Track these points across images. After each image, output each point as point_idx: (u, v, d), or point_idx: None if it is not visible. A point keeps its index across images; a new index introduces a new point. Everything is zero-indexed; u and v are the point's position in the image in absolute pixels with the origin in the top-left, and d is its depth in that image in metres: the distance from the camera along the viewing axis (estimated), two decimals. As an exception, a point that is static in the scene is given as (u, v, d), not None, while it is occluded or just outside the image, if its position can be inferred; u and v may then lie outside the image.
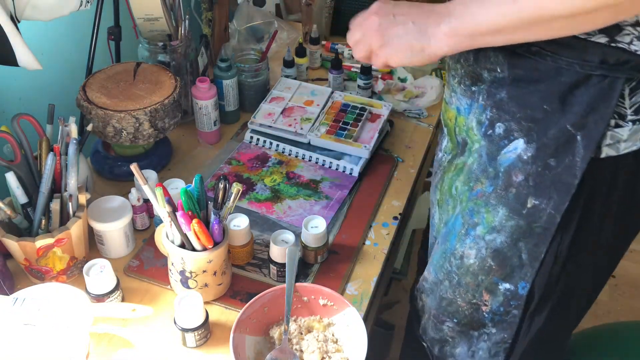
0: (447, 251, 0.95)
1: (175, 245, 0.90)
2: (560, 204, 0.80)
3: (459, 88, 0.89)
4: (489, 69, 0.82)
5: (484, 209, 0.87)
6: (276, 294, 0.91)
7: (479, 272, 0.91)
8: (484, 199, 0.87)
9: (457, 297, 0.96)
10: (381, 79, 1.48)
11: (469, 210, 0.90)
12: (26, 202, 0.93)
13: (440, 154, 1.03)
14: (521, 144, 0.81)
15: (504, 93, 0.81)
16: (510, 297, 0.90)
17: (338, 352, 0.88)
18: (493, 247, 0.88)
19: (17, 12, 0.93)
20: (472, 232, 0.90)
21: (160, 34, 1.25)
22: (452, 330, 1.01)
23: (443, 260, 0.97)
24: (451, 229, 0.95)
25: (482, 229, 0.88)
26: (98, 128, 1.10)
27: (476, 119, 0.86)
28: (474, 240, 0.90)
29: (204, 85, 1.23)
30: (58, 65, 1.23)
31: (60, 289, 0.88)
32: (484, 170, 0.86)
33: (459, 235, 0.92)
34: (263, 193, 1.17)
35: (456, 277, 0.94)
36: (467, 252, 0.91)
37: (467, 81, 0.86)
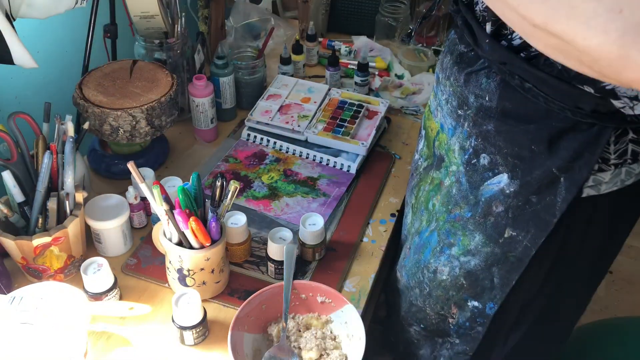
0: (420, 262, 0.98)
1: (173, 243, 0.90)
2: (537, 238, 0.81)
3: (445, 106, 0.88)
4: (477, 94, 0.80)
5: (461, 232, 0.89)
6: (274, 291, 0.91)
7: (450, 288, 0.93)
8: (462, 223, 0.88)
9: (426, 307, 0.99)
10: (378, 75, 1.48)
11: (445, 230, 0.91)
12: (23, 201, 0.93)
13: (416, 155, 1.03)
14: (505, 178, 0.80)
15: (491, 126, 0.79)
16: (477, 314, 0.93)
17: (336, 349, 0.88)
18: (467, 268, 0.90)
19: (12, 10, 0.92)
20: (447, 251, 0.92)
21: (156, 32, 1.24)
22: (417, 334, 1.05)
23: (416, 269, 0.99)
24: (426, 243, 0.97)
25: (458, 250, 0.90)
26: (95, 126, 1.09)
27: (459, 143, 0.85)
28: (448, 259, 0.92)
29: (200, 83, 1.23)
30: (54, 63, 1.22)
31: (58, 287, 0.88)
32: (465, 197, 0.87)
33: (434, 250, 0.94)
34: (260, 190, 1.17)
35: (427, 288, 0.97)
36: (440, 268, 0.93)
37: (454, 102, 0.85)
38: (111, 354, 0.84)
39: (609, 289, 1.92)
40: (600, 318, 1.48)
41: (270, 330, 0.91)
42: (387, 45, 1.57)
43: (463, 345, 0.99)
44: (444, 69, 0.87)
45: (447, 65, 0.87)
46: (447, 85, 0.86)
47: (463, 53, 0.83)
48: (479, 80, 0.79)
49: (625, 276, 1.95)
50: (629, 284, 1.94)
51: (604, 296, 1.88)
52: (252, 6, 1.59)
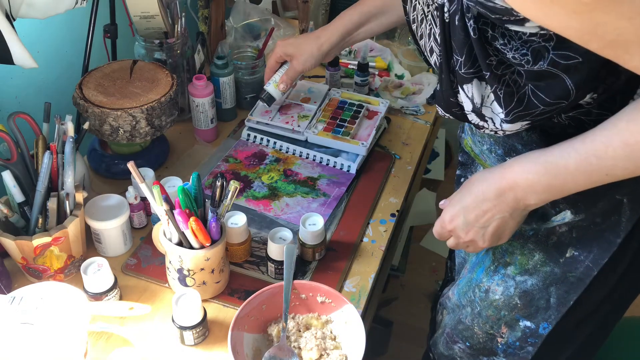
0: (472, 281, 0.96)
1: (173, 243, 0.90)
2: (599, 258, 0.80)
3: (490, 155, 0.88)
4: (523, 143, 0.80)
5: (519, 251, 0.87)
6: (274, 291, 0.91)
7: (502, 308, 0.91)
8: (521, 242, 0.87)
9: (475, 325, 0.97)
10: (378, 76, 1.48)
11: (501, 249, 0.90)
12: (23, 201, 0.93)
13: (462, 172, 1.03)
14: (569, 214, 0.81)
15: None
16: (529, 334, 0.91)
17: (336, 349, 0.88)
18: (522, 288, 0.88)
19: (12, 10, 0.92)
20: (501, 270, 0.90)
21: (156, 32, 1.24)
22: (462, 352, 1.02)
23: (467, 287, 0.97)
24: (480, 262, 0.95)
25: (514, 269, 0.88)
26: (95, 126, 1.09)
27: None
28: (503, 278, 0.90)
29: (200, 83, 1.23)
30: (54, 63, 1.22)
31: (58, 287, 0.88)
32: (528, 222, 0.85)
33: (487, 270, 0.93)
34: (260, 191, 1.17)
35: (478, 307, 0.95)
36: (493, 287, 0.92)
37: (499, 150, 0.85)
38: (111, 354, 0.84)
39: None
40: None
41: (270, 330, 0.91)
42: (387, 45, 1.57)
43: None
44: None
45: None
46: (485, 137, 0.87)
47: None
48: (519, 133, 0.80)
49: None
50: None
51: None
52: (252, 6, 1.59)
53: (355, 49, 1.56)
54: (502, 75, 0.70)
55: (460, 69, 0.72)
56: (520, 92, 0.69)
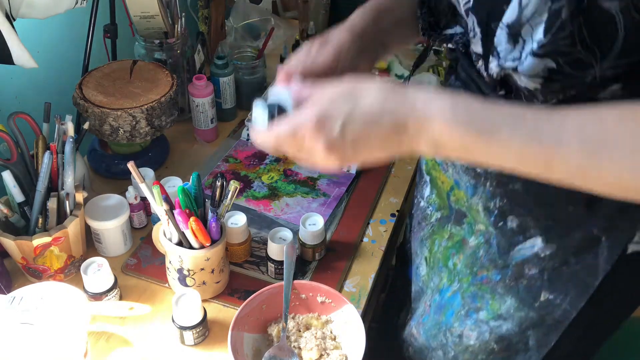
0: (442, 325, 0.89)
1: (173, 243, 0.90)
2: (577, 301, 0.74)
3: (458, 163, 0.78)
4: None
5: (489, 295, 0.81)
6: (274, 291, 0.91)
7: (479, 352, 0.86)
8: (490, 286, 0.81)
9: None
10: (378, 75, 1.48)
11: (471, 293, 0.84)
12: (23, 201, 0.93)
13: (423, 202, 0.93)
14: (539, 242, 0.73)
15: (518, 185, 0.71)
16: None
17: (336, 349, 0.88)
18: (498, 333, 0.82)
19: (12, 10, 0.92)
20: (473, 315, 0.84)
21: (156, 32, 1.24)
22: None
23: (437, 331, 0.91)
24: (447, 304, 0.89)
25: (486, 314, 0.82)
26: (95, 126, 1.09)
27: (482, 204, 0.77)
28: (476, 323, 0.84)
29: (200, 83, 1.23)
30: (54, 63, 1.22)
31: (58, 287, 0.88)
32: (492, 260, 0.79)
33: (458, 314, 0.86)
34: (260, 190, 1.17)
35: (452, 351, 0.89)
36: (467, 332, 0.85)
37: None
38: (111, 354, 0.84)
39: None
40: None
41: (271, 330, 0.91)
42: (387, 45, 1.57)
43: None
44: None
45: None
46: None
47: None
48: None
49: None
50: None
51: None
52: (252, 6, 1.59)
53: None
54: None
55: None
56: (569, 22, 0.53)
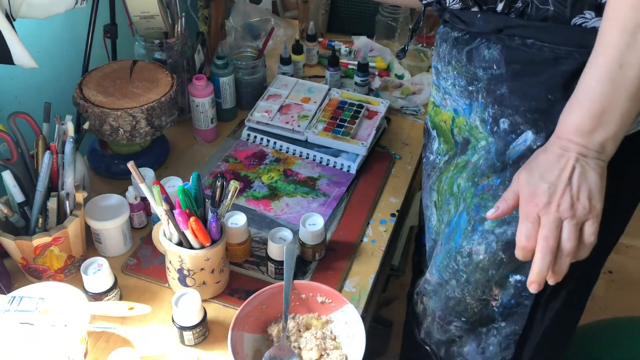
0: (451, 250, 0.94)
1: (173, 243, 0.90)
2: None
3: (453, 90, 0.88)
4: (484, 67, 0.81)
5: (492, 203, 0.85)
6: (274, 291, 0.91)
7: (489, 267, 0.89)
8: (491, 192, 0.86)
9: (466, 295, 0.94)
10: (378, 75, 1.48)
11: (474, 205, 0.88)
12: (23, 201, 0.93)
13: (432, 156, 1.01)
14: (530, 135, 0.80)
15: (504, 88, 0.80)
16: (521, 288, 0.89)
17: (336, 349, 0.88)
18: (504, 239, 0.86)
19: (12, 10, 0.92)
20: (479, 228, 0.88)
21: (156, 32, 1.24)
22: (459, 330, 1.00)
23: (448, 259, 0.95)
24: (455, 228, 0.93)
25: (491, 223, 0.87)
26: (95, 126, 1.09)
27: (479, 117, 0.85)
28: (483, 235, 0.88)
29: (200, 83, 1.23)
30: (54, 63, 1.22)
31: (58, 287, 0.88)
32: (491, 165, 0.85)
33: (465, 232, 0.91)
34: (260, 191, 1.17)
35: (464, 275, 0.93)
36: (475, 248, 0.89)
37: (462, 82, 0.85)
38: (111, 354, 0.84)
39: (609, 289, 1.92)
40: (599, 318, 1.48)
41: (271, 330, 0.91)
42: (387, 45, 1.57)
43: (511, 325, 0.94)
44: (442, 58, 0.88)
45: (444, 53, 0.87)
46: (450, 71, 0.87)
47: (458, 37, 0.84)
48: (481, 53, 0.80)
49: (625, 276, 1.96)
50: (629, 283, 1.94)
51: (604, 296, 1.88)
52: (252, 6, 1.59)
53: (356, 48, 1.56)
54: None
55: None
56: None
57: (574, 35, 0.72)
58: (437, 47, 0.89)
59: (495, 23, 0.77)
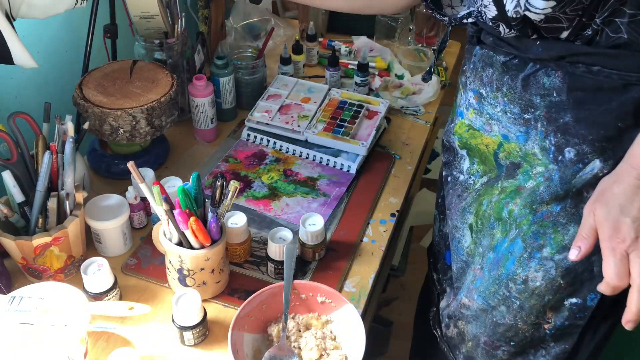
0: (502, 277, 0.92)
1: (173, 243, 0.90)
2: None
3: (504, 117, 0.86)
4: (542, 94, 0.79)
5: (552, 230, 0.85)
6: (274, 291, 0.91)
7: (545, 293, 0.88)
8: (552, 220, 0.84)
9: (518, 321, 0.93)
10: (378, 75, 1.48)
11: (532, 233, 0.87)
12: (23, 201, 0.93)
13: (462, 176, 1.00)
14: (597, 163, 0.78)
15: (567, 117, 0.77)
16: (576, 310, 0.88)
17: (336, 349, 0.88)
18: (564, 266, 0.85)
19: (12, 10, 0.92)
20: (537, 255, 0.87)
21: (156, 32, 1.24)
22: (507, 353, 0.98)
23: (497, 286, 0.93)
24: (506, 254, 0.91)
25: (550, 250, 0.86)
26: (94, 126, 1.09)
27: (538, 146, 0.83)
28: (541, 262, 0.87)
29: (200, 83, 1.23)
30: (54, 63, 1.22)
31: (58, 287, 0.88)
32: (553, 193, 0.83)
33: (520, 259, 0.89)
34: (260, 191, 1.17)
35: (517, 301, 0.91)
36: (532, 275, 0.88)
37: (515, 109, 0.83)
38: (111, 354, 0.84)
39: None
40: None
41: (271, 330, 0.91)
42: (387, 45, 1.57)
43: (561, 345, 0.93)
44: (487, 83, 0.85)
45: (490, 78, 0.85)
46: (499, 97, 0.85)
47: (506, 62, 0.82)
48: (539, 80, 0.78)
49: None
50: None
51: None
52: (252, 6, 1.59)
53: (356, 48, 1.56)
54: None
55: None
56: None
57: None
58: (478, 70, 0.87)
59: (557, 50, 0.75)
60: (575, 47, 0.74)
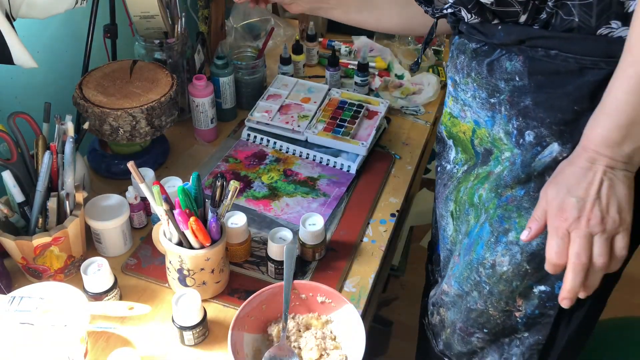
0: (473, 262, 0.93)
1: (173, 243, 0.90)
2: None
3: (474, 102, 0.87)
4: (506, 79, 0.80)
5: (516, 214, 0.85)
6: (274, 291, 0.91)
7: (513, 279, 0.88)
8: (515, 204, 0.85)
9: (489, 307, 0.93)
10: (378, 75, 1.48)
11: (497, 217, 0.87)
12: (23, 201, 0.93)
13: (449, 165, 1.00)
14: (556, 147, 0.79)
15: (528, 100, 0.79)
16: (545, 299, 0.88)
17: (336, 349, 0.88)
18: (529, 250, 0.85)
19: (12, 10, 0.92)
20: (503, 239, 0.87)
21: (156, 32, 1.24)
22: (481, 341, 0.99)
23: (469, 271, 0.94)
24: (476, 239, 0.92)
25: (515, 234, 0.86)
26: (95, 126, 1.09)
27: (503, 130, 0.84)
28: (507, 247, 0.87)
29: (200, 83, 1.23)
30: (54, 63, 1.22)
31: (58, 287, 0.88)
32: (516, 176, 0.84)
33: (488, 243, 0.90)
34: (260, 191, 1.17)
35: (487, 286, 0.92)
36: (499, 259, 0.88)
37: (483, 94, 0.84)
38: (111, 354, 0.84)
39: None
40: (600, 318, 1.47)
41: (271, 330, 0.91)
42: (387, 45, 1.57)
43: (535, 335, 0.93)
44: (460, 70, 0.87)
45: (462, 65, 0.86)
46: (469, 82, 0.86)
47: (476, 49, 0.83)
48: (502, 65, 0.79)
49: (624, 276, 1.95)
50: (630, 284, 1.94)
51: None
52: (252, 6, 1.59)
53: (356, 48, 1.56)
54: None
55: None
56: None
57: (600, 45, 0.71)
58: (454, 58, 0.88)
59: (517, 34, 0.76)
60: (533, 31, 0.75)
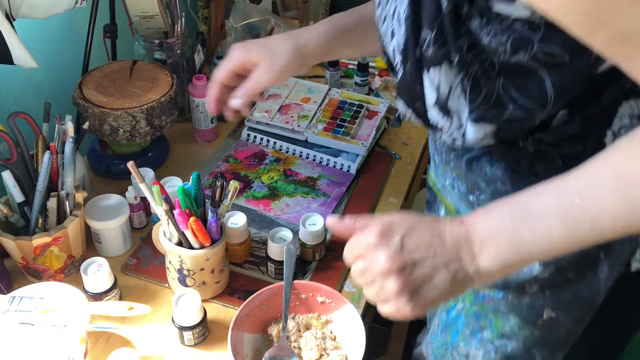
0: (449, 344, 0.89)
1: (173, 243, 0.90)
2: (581, 319, 0.73)
3: (453, 191, 0.79)
4: (487, 180, 0.73)
5: (492, 314, 0.80)
6: (274, 291, 0.91)
7: None
8: (492, 305, 0.80)
9: None
10: (378, 76, 1.48)
11: (473, 313, 0.83)
12: (23, 201, 0.93)
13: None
14: (536, 266, 0.72)
15: None
16: None
17: (336, 349, 0.88)
18: (504, 352, 0.81)
19: (12, 10, 0.92)
20: (478, 335, 0.83)
21: (156, 32, 1.24)
22: None
23: (444, 350, 0.90)
24: (452, 323, 0.87)
25: (491, 334, 0.81)
26: (94, 126, 1.09)
27: None
28: (481, 343, 0.83)
29: (200, 83, 1.23)
30: (54, 63, 1.22)
31: (58, 287, 0.88)
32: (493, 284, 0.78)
33: (462, 334, 0.85)
34: (260, 191, 1.17)
35: None
36: (473, 352, 0.84)
37: (462, 187, 0.77)
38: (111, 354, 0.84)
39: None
40: None
41: (271, 330, 0.91)
42: (387, 45, 1.57)
43: None
44: (439, 152, 0.79)
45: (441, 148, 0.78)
46: (448, 171, 0.79)
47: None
48: (482, 168, 0.72)
49: None
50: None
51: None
52: (252, 6, 1.59)
53: (355, 49, 1.56)
54: (471, 63, 0.58)
55: (429, 48, 0.59)
56: (490, 86, 0.59)
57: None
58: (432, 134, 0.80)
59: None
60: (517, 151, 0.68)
